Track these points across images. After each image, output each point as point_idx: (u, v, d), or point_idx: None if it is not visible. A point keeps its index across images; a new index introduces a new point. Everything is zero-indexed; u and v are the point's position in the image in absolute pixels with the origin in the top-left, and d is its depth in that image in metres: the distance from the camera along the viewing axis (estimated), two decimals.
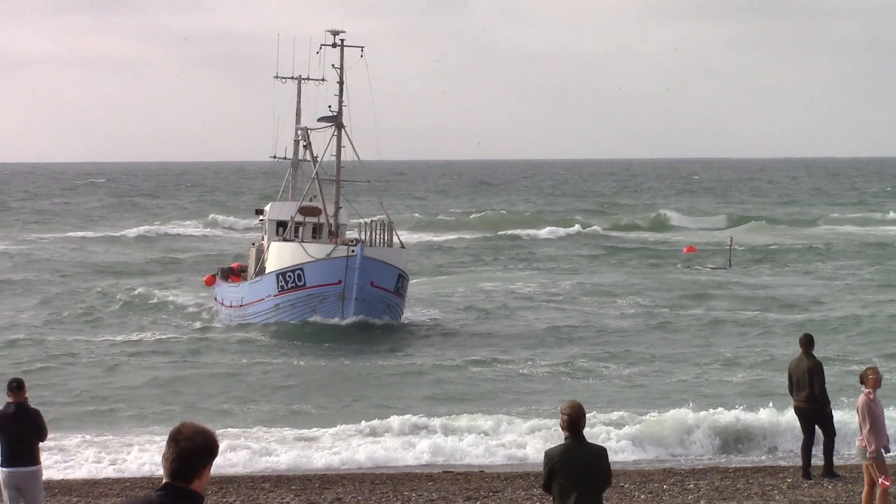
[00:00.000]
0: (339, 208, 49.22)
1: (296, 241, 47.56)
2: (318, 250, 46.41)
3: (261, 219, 52.47)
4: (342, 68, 48.61)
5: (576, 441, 12.99)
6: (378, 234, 47.77)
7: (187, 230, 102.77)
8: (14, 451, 17.41)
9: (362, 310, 45.42)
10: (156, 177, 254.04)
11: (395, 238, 48.13)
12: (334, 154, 48.72)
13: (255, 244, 52.77)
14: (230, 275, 51.94)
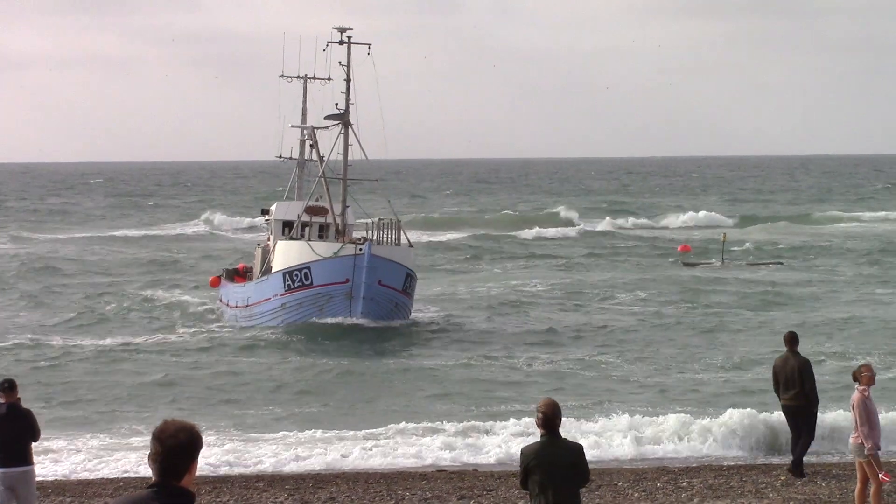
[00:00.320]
0: (346, 207, 49.35)
1: (302, 240, 47.63)
2: (325, 249, 46.39)
3: (266, 219, 52.53)
4: (349, 65, 48.65)
5: (551, 438, 13.26)
6: (386, 232, 47.75)
7: (187, 230, 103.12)
8: (7, 451, 17.58)
9: (370, 309, 45.40)
10: (153, 176, 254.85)
11: (402, 237, 48.13)
12: (341, 152, 48.88)
13: (261, 245, 52.85)
14: (235, 276, 51.95)
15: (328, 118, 49.66)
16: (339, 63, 48.78)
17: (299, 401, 33.37)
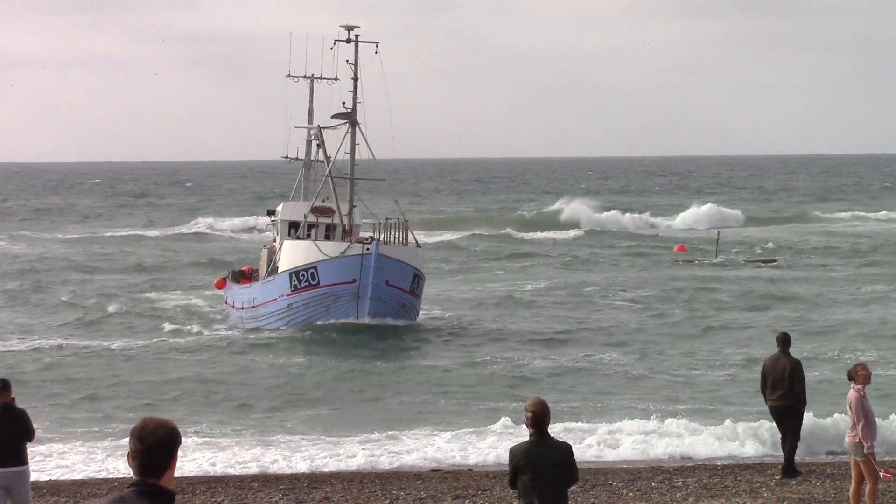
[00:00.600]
0: (352, 207, 49.50)
1: (309, 240, 47.69)
2: (331, 248, 46.48)
3: (273, 219, 52.38)
4: (356, 64, 48.87)
5: (540, 438, 13.49)
6: (393, 232, 47.73)
7: (185, 230, 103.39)
8: (1, 451, 17.70)
9: (377, 309, 45.45)
10: (151, 177, 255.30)
11: (410, 237, 48.10)
12: (348, 152, 49.04)
13: (267, 246, 52.88)
14: (241, 277, 51.92)
15: (335, 117, 49.78)
16: (347, 62, 48.99)
17: (301, 402, 33.64)
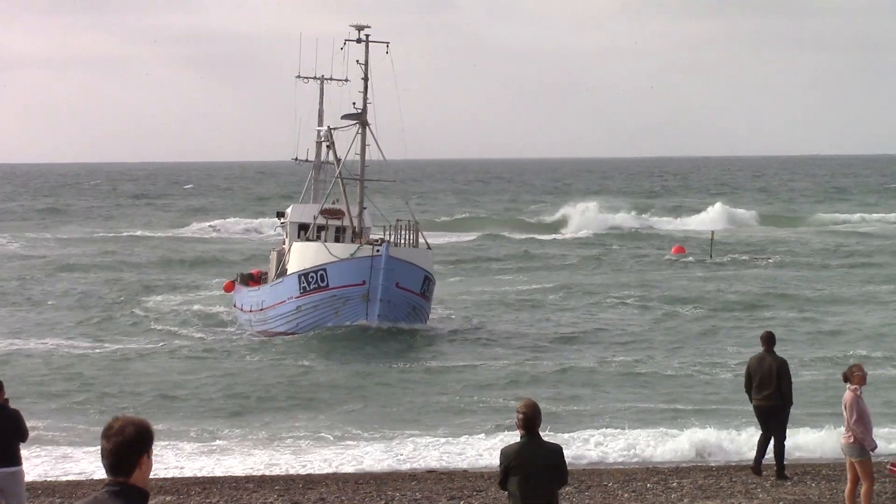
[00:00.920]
0: (363, 209, 49.66)
1: (318, 241, 47.82)
2: (341, 250, 46.58)
3: (282, 221, 52.46)
4: (367, 64, 49.01)
5: (531, 439, 13.69)
6: (403, 234, 47.79)
7: (187, 232, 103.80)
8: None
9: (387, 312, 45.51)
10: (150, 178, 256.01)
11: (420, 239, 48.08)
12: (358, 153, 49.22)
13: (276, 249, 52.94)
14: (250, 280, 52.01)
15: (345, 118, 49.93)
16: (357, 62, 49.12)
17: (302, 404, 33.97)
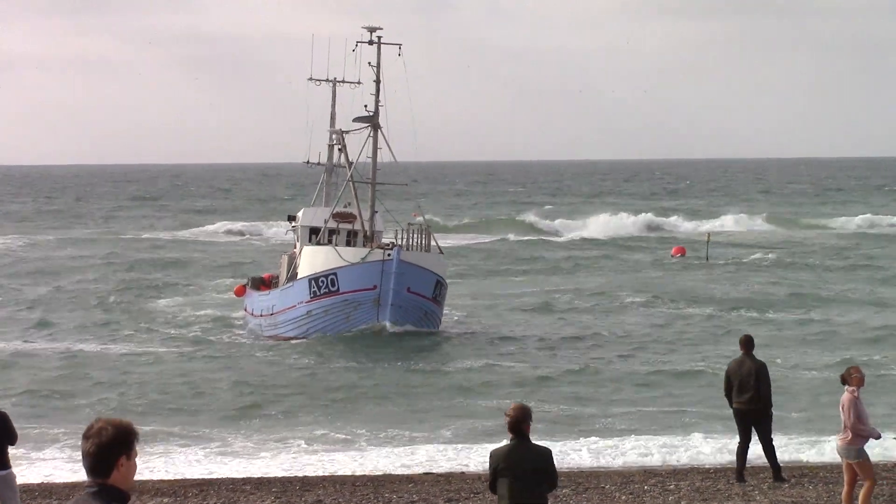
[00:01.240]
0: (374, 212, 49.80)
1: (329, 245, 47.95)
2: (352, 254, 46.72)
3: (293, 225, 52.52)
4: (379, 66, 49.25)
5: (521, 442, 13.87)
6: (415, 238, 47.91)
7: (189, 235, 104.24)
8: None
9: (398, 317, 45.65)
10: (149, 178, 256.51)
11: (432, 243, 48.25)
12: (370, 156, 49.40)
13: (287, 253, 53.08)
14: (261, 284, 52.10)
15: (357, 120, 50.14)
16: (369, 64, 49.41)
17: (302, 406, 34.24)
